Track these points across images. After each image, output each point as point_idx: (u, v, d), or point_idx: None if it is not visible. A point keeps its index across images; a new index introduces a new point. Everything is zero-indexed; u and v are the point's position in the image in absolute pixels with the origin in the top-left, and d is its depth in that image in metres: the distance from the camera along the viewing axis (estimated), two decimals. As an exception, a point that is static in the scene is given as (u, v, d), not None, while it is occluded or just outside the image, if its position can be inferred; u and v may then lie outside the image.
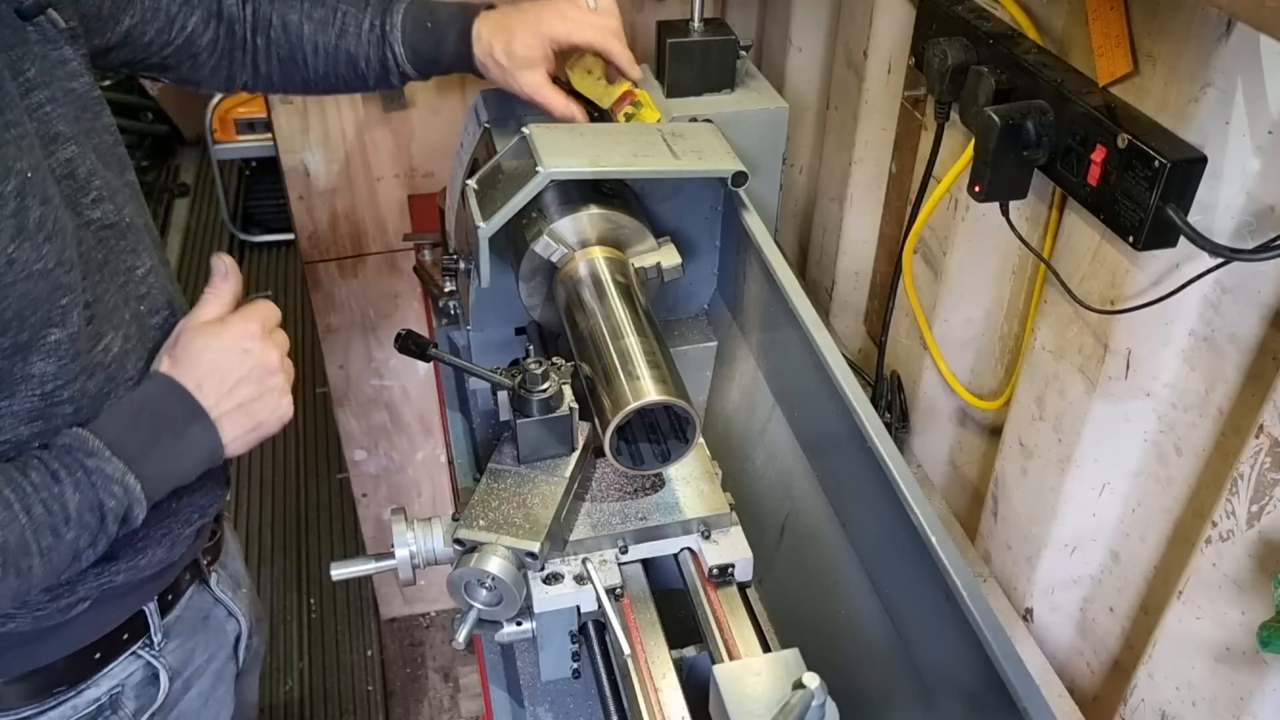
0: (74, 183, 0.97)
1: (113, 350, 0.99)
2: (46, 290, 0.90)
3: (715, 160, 1.28)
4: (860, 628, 1.07)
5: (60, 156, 0.96)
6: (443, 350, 1.17)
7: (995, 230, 1.20)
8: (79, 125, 0.99)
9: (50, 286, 0.90)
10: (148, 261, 1.06)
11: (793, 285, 1.19)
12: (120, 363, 1.00)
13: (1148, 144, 0.91)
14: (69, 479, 0.90)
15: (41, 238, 0.89)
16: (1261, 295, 0.92)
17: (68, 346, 0.93)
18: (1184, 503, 1.06)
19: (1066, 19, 1.10)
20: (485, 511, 1.06)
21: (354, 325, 2.27)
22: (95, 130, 1.02)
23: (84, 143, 0.99)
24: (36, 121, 0.93)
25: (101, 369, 0.98)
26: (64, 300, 0.92)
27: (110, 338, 0.99)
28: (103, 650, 1.09)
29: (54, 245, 0.90)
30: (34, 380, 0.92)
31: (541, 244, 1.22)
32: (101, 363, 0.97)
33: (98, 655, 1.09)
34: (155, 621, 1.14)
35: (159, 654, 1.15)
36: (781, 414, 1.28)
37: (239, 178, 4.14)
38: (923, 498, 0.94)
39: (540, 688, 1.15)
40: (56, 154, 0.95)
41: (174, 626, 1.17)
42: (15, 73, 0.92)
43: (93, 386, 0.97)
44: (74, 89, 1.00)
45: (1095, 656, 1.22)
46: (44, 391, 0.93)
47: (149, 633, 1.14)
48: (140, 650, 1.13)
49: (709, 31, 1.46)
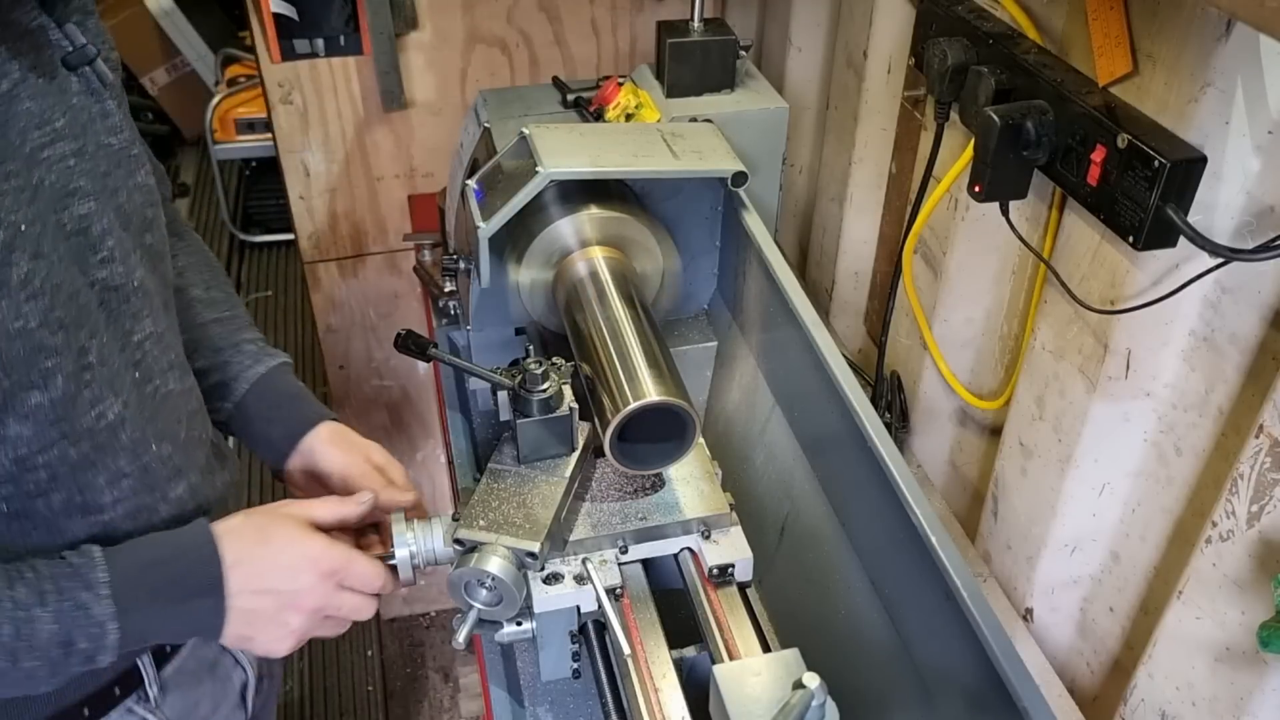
0: (84, 240, 0.92)
1: (107, 418, 0.93)
2: (26, 350, 0.85)
3: (715, 160, 1.28)
4: (860, 628, 1.07)
5: (74, 212, 0.91)
6: (443, 350, 1.17)
7: (995, 230, 1.20)
8: (104, 182, 0.95)
9: (31, 347, 0.85)
10: (149, 328, 1.01)
11: (793, 285, 1.19)
12: (113, 431, 0.94)
13: (1148, 144, 0.91)
14: (54, 605, 0.86)
15: (24, 295, 0.84)
16: (1262, 295, 0.92)
17: (48, 411, 0.88)
18: (1184, 503, 1.06)
19: (1066, 19, 1.10)
20: (485, 511, 1.06)
21: (354, 325, 2.27)
22: (125, 188, 0.98)
23: (105, 200, 0.94)
24: (54, 174, 0.90)
25: (89, 436, 0.92)
26: (48, 362, 0.87)
27: (108, 403, 0.93)
28: (91, 706, 1.02)
29: (38, 304, 0.85)
30: (7, 442, 0.87)
31: (542, 244, 1.22)
32: (91, 429, 0.92)
33: (86, 712, 1.02)
34: (150, 674, 1.06)
35: (155, 708, 1.08)
36: (781, 414, 1.28)
37: (239, 178, 4.14)
38: (923, 498, 0.94)
39: (540, 688, 1.15)
40: (71, 209, 0.91)
41: (173, 679, 1.10)
42: (41, 122, 0.89)
43: (75, 454, 0.92)
44: (109, 144, 0.96)
45: (1095, 656, 1.22)
46: (17, 455, 0.88)
47: (143, 686, 1.06)
48: (134, 705, 1.06)
49: (709, 31, 1.46)
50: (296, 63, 1.91)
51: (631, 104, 1.43)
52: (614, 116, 1.43)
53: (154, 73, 4.41)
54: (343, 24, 1.88)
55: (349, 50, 1.91)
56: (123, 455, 0.96)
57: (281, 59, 1.90)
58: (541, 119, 1.47)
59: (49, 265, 0.87)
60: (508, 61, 2.01)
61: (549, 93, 1.56)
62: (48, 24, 0.91)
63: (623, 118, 1.43)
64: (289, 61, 1.90)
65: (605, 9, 2.00)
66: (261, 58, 1.92)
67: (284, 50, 1.89)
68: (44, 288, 0.86)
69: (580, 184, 1.24)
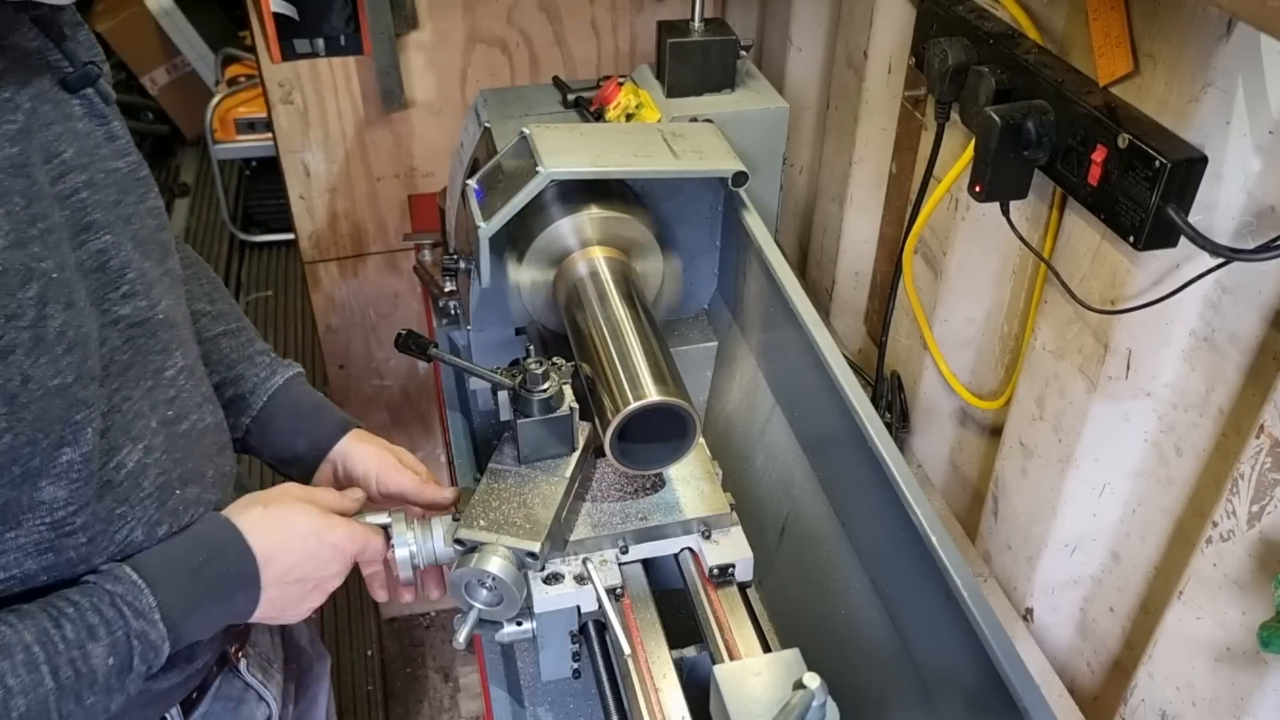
0: (104, 276, 0.87)
1: (126, 466, 0.89)
2: (62, 408, 0.80)
3: (715, 160, 1.28)
4: (860, 628, 1.07)
5: (91, 248, 0.86)
6: (443, 350, 1.17)
7: (995, 230, 1.20)
8: (117, 212, 0.90)
9: (66, 403, 0.81)
10: (179, 361, 0.96)
11: (793, 285, 1.19)
12: (135, 480, 0.90)
13: (1148, 144, 0.91)
14: (107, 639, 0.83)
15: (61, 349, 0.79)
16: (1262, 295, 0.92)
17: (80, 467, 0.83)
18: (1184, 503, 1.06)
19: (1067, 19, 1.10)
20: (486, 511, 1.06)
21: (354, 325, 2.27)
22: (137, 215, 0.92)
23: (120, 231, 0.89)
24: (69, 210, 0.84)
25: (111, 488, 0.88)
26: (79, 416, 0.82)
27: (125, 452, 0.89)
28: None
29: (74, 357, 0.81)
30: (43, 508, 0.82)
31: (542, 244, 1.22)
32: (112, 481, 0.88)
33: None
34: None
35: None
36: (781, 414, 1.28)
37: (239, 178, 4.14)
38: (923, 498, 0.94)
39: (540, 688, 1.15)
40: (87, 245, 0.86)
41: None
42: (49, 155, 0.83)
43: (103, 510, 0.87)
44: (118, 169, 0.91)
45: (1095, 656, 1.22)
46: (54, 520, 0.83)
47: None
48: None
49: (709, 31, 1.46)
50: (297, 63, 1.91)
51: (632, 104, 1.43)
52: (614, 116, 1.43)
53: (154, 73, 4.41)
54: (343, 24, 1.88)
55: (349, 50, 1.91)
56: (150, 503, 0.92)
57: (282, 59, 1.90)
58: (542, 119, 1.47)
59: (79, 314, 0.82)
60: (508, 61, 2.01)
61: (549, 93, 1.56)
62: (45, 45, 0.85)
63: (623, 118, 1.43)
64: (289, 61, 1.90)
65: (605, 9, 2.00)
66: (262, 58, 1.92)
67: (284, 50, 1.89)
68: (77, 339, 0.81)
69: (580, 184, 1.24)
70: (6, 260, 0.76)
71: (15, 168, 0.78)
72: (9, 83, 0.80)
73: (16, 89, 0.80)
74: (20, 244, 0.77)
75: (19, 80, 0.81)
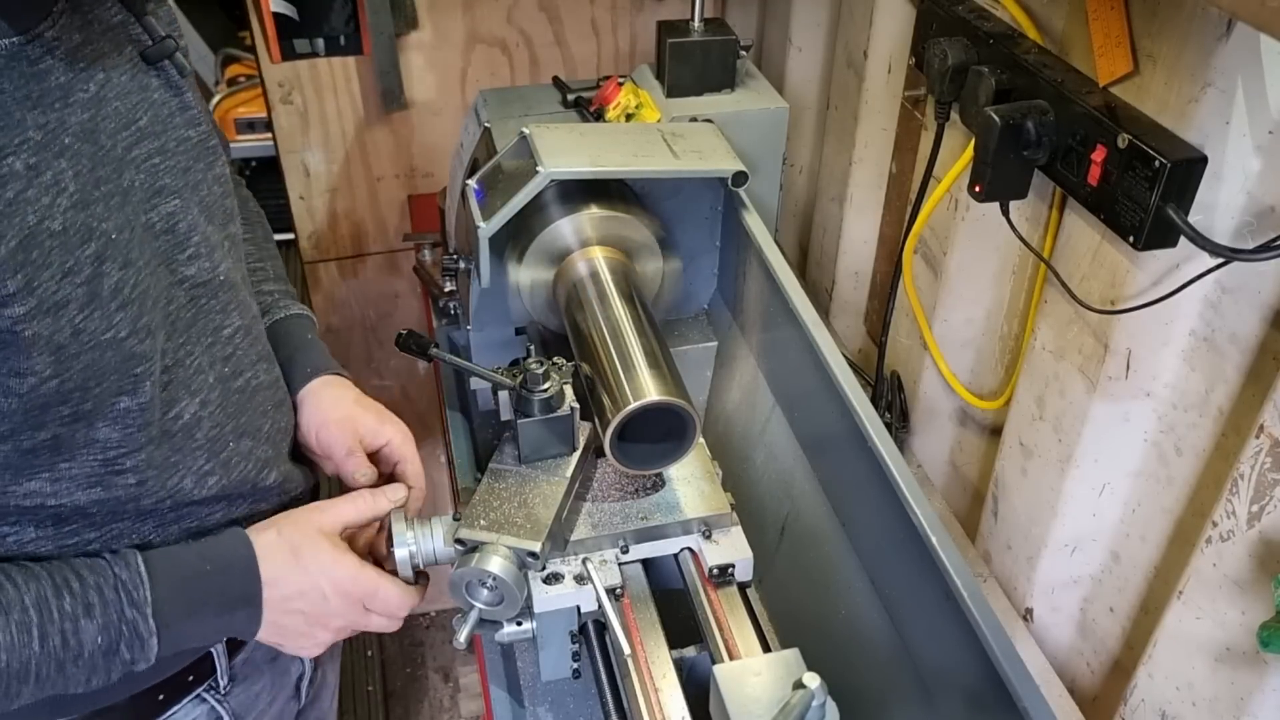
0: (172, 238, 0.93)
1: (183, 419, 0.95)
2: (117, 360, 0.85)
3: (715, 160, 1.28)
4: (860, 628, 1.07)
5: (162, 210, 0.92)
6: (443, 350, 1.17)
7: (995, 230, 1.20)
8: (187, 177, 0.95)
9: (121, 356, 0.85)
10: (237, 320, 1.02)
11: (793, 285, 1.19)
12: (189, 431, 0.95)
13: (1148, 144, 0.91)
14: (101, 618, 0.87)
15: (115, 305, 0.84)
16: (1262, 295, 0.92)
17: (136, 415, 0.89)
18: (1184, 503, 1.06)
19: (1067, 19, 1.10)
20: (486, 511, 1.06)
21: (354, 325, 2.27)
22: (205, 182, 0.98)
23: (189, 196, 0.95)
24: (142, 174, 0.90)
25: (168, 438, 0.94)
26: (138, 369, 0.87)
27: (184, 404, 0.94)
28: (166, 693, 1.05)
29: (128, 313, 0.85)
30: (97, 445, 0.88)
31: (542, 244, 1.22)
32: (169, 431, 0.93)
33: (161, 697, 1.05)
34: (222, 665, 1.10)
35: (224, 697, 1.11)
36: (781, 414, 1.28)
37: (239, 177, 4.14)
38: (923, 498, 0.94)
39: (540, 688, 1.15)
40: (159, 208, 0.91)
41: (241, 669, 1.13)
42: (126, 123, 0.88)
43: (159, 456, 0.93)
44: (189, 137, 0.96)
45: (1095, 656, 1.22)
46: (106, 458, 0.89)
47: (215, 675, 1.09)
48: (205, 694, 1.09)
49: (709, 31, 1.46)
50: (296, 63, 1.91)
51: (631, 104, 1.43)
52: (614, 116, 1.43)
53: (154, 72, 4.40)
54: (343, 24, 1.88)
55: (349, 50, 1.92)
56: (201, 454, 0.97)
57: (281, 59, 1.90)
58: (541, 119, 1.47)
59: (137, 272, 0.87)
60: (508, 61, 2.01)
61: (549, 93, 1.56)
62: (128, 19, 0.91)
63: (623, 118, 1.43)
64: (289, 61, 1.90)
65: (605, 9, 2.00)
66: (261, 58, 1.92)
67: (284, 50, 1.89)
68: (134, 295, 0.86)
69: (580, 184, 1.24)
70: (69, 220, 0.80)
71: (85, 133, 0.83)
72: (87, 54, 0.85)
73: (94, 60, 0.86)
74: (84, 205, 0.82)
75: (97, 51, 0.86)
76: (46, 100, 0.81)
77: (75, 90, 0.83)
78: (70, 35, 0.84)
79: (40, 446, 0.85)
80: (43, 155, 0.79)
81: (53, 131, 0.80)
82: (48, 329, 0.80)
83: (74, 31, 0.84)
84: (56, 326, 0.80)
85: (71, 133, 0.82)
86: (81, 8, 0.86)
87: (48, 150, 0.80)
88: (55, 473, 0.88)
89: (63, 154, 0.81)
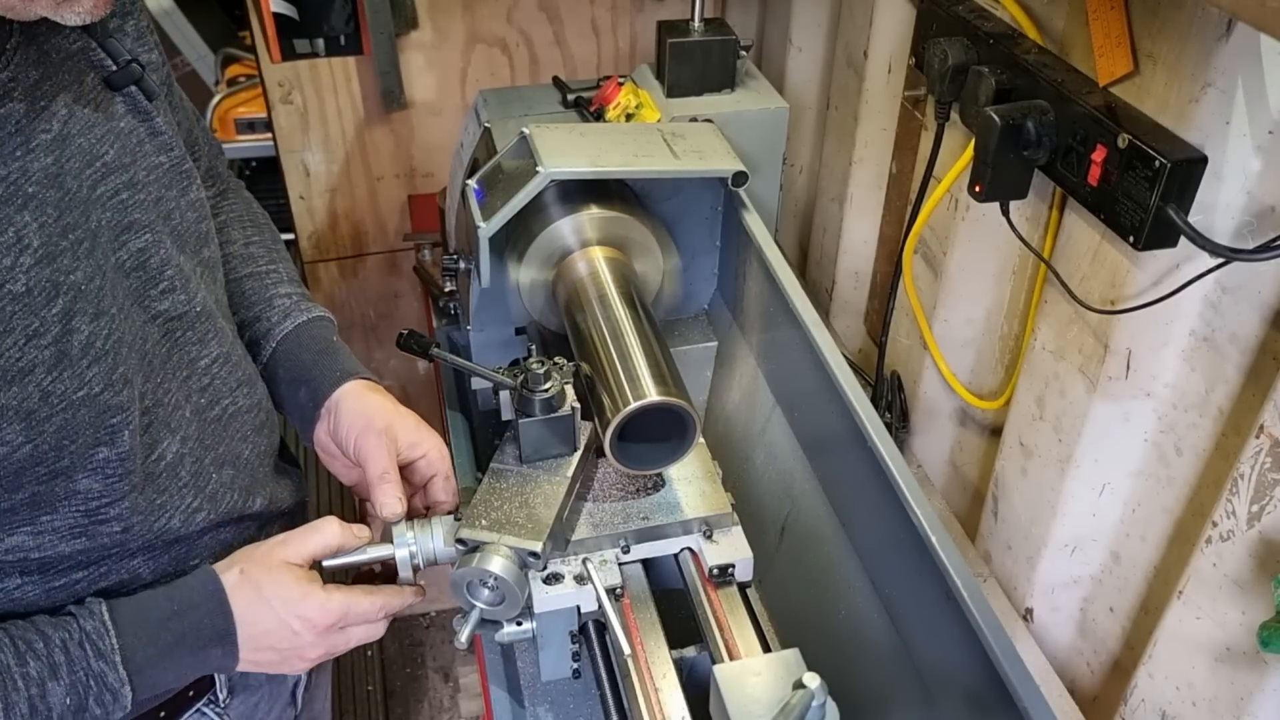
0: (144, 274, 0.89)
1: (166, 458, 0.91)
2: (91, 415, 0.82)
3: (715, 160, 1.28)
4: (860, 628, 1.07)
5: (132, 246, 0.87)
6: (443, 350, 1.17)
7: (995, 230, 1.20)
8: (159, 208, 0.90)
9: (96, 411, 0.82)
10: (215, 349, 0.98)
11: (793, 285, 1.19)
12: (173, 470, 0.92)
13: (1148, 144, 0.91)
14: (68, 678, 0.84)
15: (87, 361, 0.80)
16: (1262, 295, 0.92)
17: (116, 464, 0.86)
18: (1184, 503, 1.06)
19: (1067, 19, 1.10)
20: (487, 511, 1.06)
21: (354, 325, 2.27)
22: (178, 210, 0.93)
23: (160, 228, 0.90)
24: (109, 212, 0.85)
25: (152, 480, 0.90)
26: (114, 419, 0.84)
27: (165, 444, 0.91)
28: (168, 709, 1.04)
29: (102, 366, 0.82)
30: (78, 497, 0.85)
31: (542, 244, 1.22)
32: (153, 474, 0.90)
33: (162, 714, 1.03)
34: (221, 678, 1.09)
35: (224, 710, 1.10)
36: (781, 414, 1.28)
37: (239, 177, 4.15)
38: (923, 498, 0.94)
39: (540, 688, 1.15)
40: (129, 244, 0.87)
41: (240, 681, 1.12)
42: (91, 160, 0.83)
43: (144, 501, 0.90)
44: (161, 164, 0.91)
45: (1095, 656, 1.22)
46: (88, 509, 0.86)
47: (214, 689, 1.09)
48: (205, 707, 1.08)
49: (709, 31, 1.46)
50: (296, 62, 1.91)
51: (631, 104, 1.43)
52: (614, 116, 1.43)
53: (154, 72, 4.41)
54: (343, 24, 1.88)
55: (349, 50, 1.92)
56: (187, 491, 0.94)
57: (281, 59, 1.90)
58: (541, 119, 1.47)
59: (110, 321, 0.83)
60: (508, 61, 2.02)
61: (549, 93, 1.56)
62: (88, 44, 0.85)
63: (623, 118, 1.43)
64: (289, 61, 1.91)
65: (605, 9, 2.00)
66: (261, 57, 1.92)
67: (284, 50, 1.89)
68: (107, 347, 0.82)
69: (580, 184, 1.24)
70: (33, 279, 0.76)
71: (49, 178, 0.78)
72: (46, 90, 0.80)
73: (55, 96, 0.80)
74: (49, 259, 0.77)
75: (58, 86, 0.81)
76: (6, 149, 0.76)
77: (37, 133, 0.78)
78: (27, 72, 0.79)
79: (19, 505, 0.82)
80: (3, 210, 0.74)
81: (14, 183, 0.76)
82: (15, 399, 0.76)
83: (30, 68, 0.79)
84: (24, 394, 0.76)
85: (35, 181, 0.77)
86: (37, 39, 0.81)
87: (9, 205, 0.75)
88: (37, 526, 0.84)
89: (25, 206, 0.76)
